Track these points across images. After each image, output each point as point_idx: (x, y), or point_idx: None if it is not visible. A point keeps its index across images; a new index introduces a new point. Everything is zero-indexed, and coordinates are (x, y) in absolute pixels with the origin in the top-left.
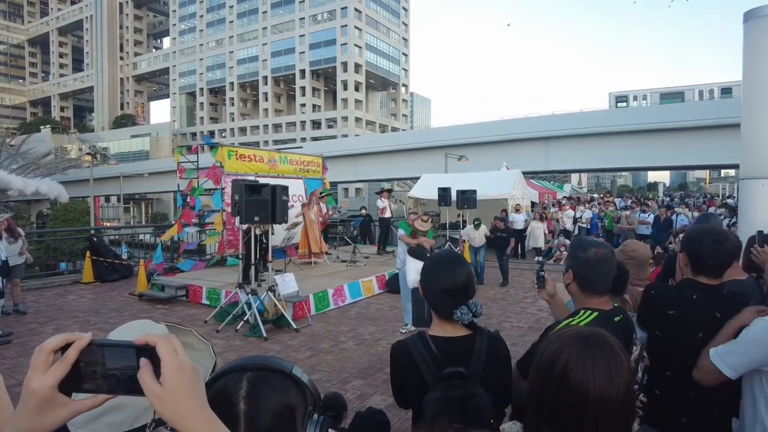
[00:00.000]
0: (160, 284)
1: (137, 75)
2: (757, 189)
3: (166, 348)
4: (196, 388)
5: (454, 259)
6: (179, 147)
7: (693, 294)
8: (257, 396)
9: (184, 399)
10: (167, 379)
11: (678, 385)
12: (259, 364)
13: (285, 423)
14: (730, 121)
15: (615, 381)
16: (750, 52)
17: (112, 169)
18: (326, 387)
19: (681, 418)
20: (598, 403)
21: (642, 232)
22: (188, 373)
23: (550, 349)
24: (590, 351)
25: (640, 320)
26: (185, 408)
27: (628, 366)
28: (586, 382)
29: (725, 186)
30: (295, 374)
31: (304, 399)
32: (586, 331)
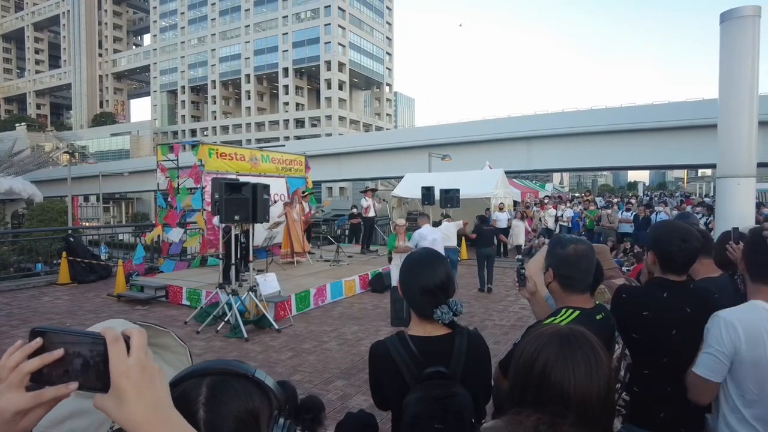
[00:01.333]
0: (139, 285)
1: (117, 72)
2: (733, 187)
3: (138, 339)
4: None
5: (432, 257)
6: (161, 144)
7: (664, 292)
8: (217, 402)
9: (149, 392)
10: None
11: (655, 382)
12: (219, 369)
13: (248, 429)
14: (706, 121)
15: (595, 380)
16: (726, 52)
17: (91, 168)
18: (308, 388)
19: (659, 413)
20: (579, 402)
21: (624, 230)
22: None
23: (530, 348)
24: (570, 350)
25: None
26: (150, 402)
27: (609, 364)
28: (566, 382)
29: (702, 185)
30: (257, 377)
31: (268, 403)
32: (566, 330)
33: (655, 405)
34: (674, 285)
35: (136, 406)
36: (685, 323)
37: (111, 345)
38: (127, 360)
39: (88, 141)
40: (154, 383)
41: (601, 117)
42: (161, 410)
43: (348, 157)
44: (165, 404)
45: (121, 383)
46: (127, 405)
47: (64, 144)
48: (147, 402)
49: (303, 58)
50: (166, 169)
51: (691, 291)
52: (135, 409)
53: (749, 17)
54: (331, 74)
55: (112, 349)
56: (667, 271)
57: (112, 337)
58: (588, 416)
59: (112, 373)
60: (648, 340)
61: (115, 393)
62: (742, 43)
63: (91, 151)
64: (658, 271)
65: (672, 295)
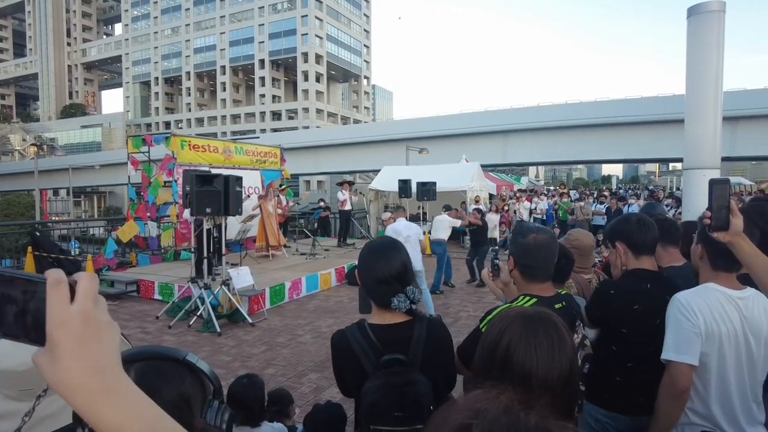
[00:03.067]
0: (110, 280)
1: (87, 62)
2: (699, 179)
3: (86, 285)
4: (108, 343)
5: (389, 246)
6: (132, 137)
7: (647, 284)
8: (146, 387)
9: (92, 349)
10: (76, 314)
11: (638, 372)
12: (148, 354)
13: (180, 413)
14: (676, 116)
15: (557, 360)
16: (693, 47)
17: (60, 160)
18: (281, 381)
19: (639, 398)
20: (541, 381)
21: (598, 222)
22: (102, 321)
23: (495, 329)
24: (533, 330)
25: (596, 319)
26: (91, 362)
27: (572, 346)
28: (529, 361)
29: (673, 179)
30: (189, 360)
31: (201, 387)
32: (530, 311)
33: (635, 391)
34: (654, 275)
35: (72, 365)
36: (665, 312)
37: (50, 289)
38: (67, 308)
39: (57, 133)
40: (99, 339)
41: (576, 111)
42: (105, 373)
43: (326, 150)
44: (111, 367)
45: (57, 335)
46: (61, 363)
47: (31, 136)
48: (87, 361)
49: (280, 50)
50: (138, 162)
51: (668, 280)
52: (70, 370)
53: (714, 12)
54: (309, 66)
55: (51, 294)
56: (640, 255)
57: (53, 280)
58: (549, 397)
59: (48, 323)
60: (637, 333)
61: (50, 347)
62: (707, 39)
63: (61, 143)
64: (631, 261)
65: (654, 286)
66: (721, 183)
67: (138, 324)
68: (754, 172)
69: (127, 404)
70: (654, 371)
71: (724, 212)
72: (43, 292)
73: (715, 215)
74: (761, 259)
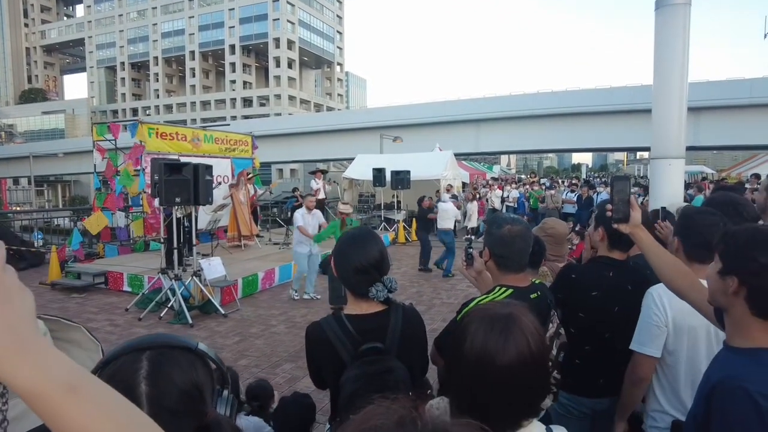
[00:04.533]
0: (76, 272)
1: (46, 45)
2: (665, 168)
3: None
4: (20, 306)
5: (365, 236)
6: (97, 124)
7: (609, 272)
8: (160, 375)
9: (2, 313)
10: None
11: (595, 355)
12: (159, 342)
13: (193, 402)
14: (644, 106)
15: (507, 355)
16: (660, 38)
17: (19, 148)
18: (255, 372)
19: (599, 380)
20: (501, 378)
21: (568, 210)
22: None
23: (462, 324)
24: (490, 324)
25: (558, 301)
26: (2, 325)
27: (538, 343)
28: (482, 354)
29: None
30: (201, 350)
31: (211, 377)
32: (496, 305)
33: (594, 374)
34: (618, 264)
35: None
36: (626, 300)
37: None
38: None
39: (16, 119)
40: (10, 302)
41: (547, 101)
42: (17, 335)
43: (298, 138)
44: (24, 328)
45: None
46: None
47: None
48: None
49: (250, 35)
50: (104, 150)
51: (632, 269)
52: None
53: (680, 5)
54: (280, 52)
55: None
56: (614, 248)
57: None
58: (510, 392)
59: None
60: (593, 319)
61: None
62: (674, 31)
63: (20, 130)
64: (604, 248)
65: (616, 274)
66: (622, 179)
67: (107, 317)
68: (714, 161)
69: (43, 363)
70: (611, 356)
71: (624, 206)
72: None
73: (615, 208)
74: (659, 250)
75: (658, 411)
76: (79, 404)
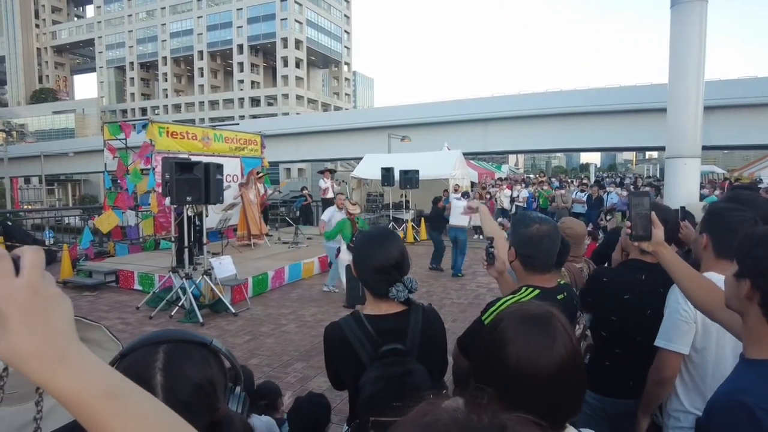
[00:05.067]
0: (87, 270)
1: (57, 45)
2: (680, 167)
3: (32, 258)
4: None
5: (385, 235)
6: (108, 123)
7: (641, 275)
8: (175, 367)
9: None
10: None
11: (626, 358)
12: (175, 337)
13: (207, 396)
14: (652, 105)
15: (545, 359)
16: (676, 36)
17: (30, 147)
18: (266, 372)
19: (628, 382)
20: (529, 378)
21: (577, 210)
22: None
23: (493, 325)
24: (526, 326)
25: (588, 304)
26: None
27: (566, 346)
28: (517, 358)
29: (649, 167)
30: (215, 346)
31: (224, 373)
32: (530, 306)
33: (624, 376)
34: (650, 267)
35: (24, 336)
36: (658, 304)
37: (28, 253)
38: (13, 281)
39: (28, 119)
40: (51, 310)
41: (556, 100)
42: (58, 343)
43: (306, 137)
44: (64, 336)
45: (4, 308)
46: (12, 335)
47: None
48: (39, 332)
49: (258, 35)
50: (115, 150)
51: (664, 272)
52: (21, 340)
53: (697, 2)
54: (288, 52)
55: (29, 256)
56: (646, 251)
57: (30, 248)
58: (539, 395)
59: (23, 273)
60: (625, 322)
61: (26, 298)
62: (690, 28)
63: (31, 129)
64: (635, 251)
65: (648, 277)
66: (640, 195)
67: (118, 315)
68: (725, 161)
69: (83, 371)
70: (641, 358)
71: (645, 222)
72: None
73: (635, 224)
74: (685, 269)
75: (681, 411)
76: (120, 412)
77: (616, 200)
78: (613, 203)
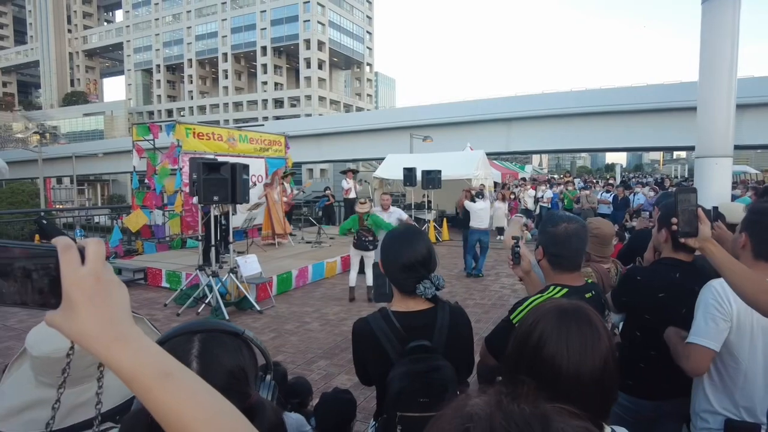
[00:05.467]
0: (117, 267)
1: (88, 50)
2: (711, 167)
3: (95, 248)
4: (119, 298)
5: (413, 233)
6: (137, 124)
7: (676, 273)
8: (210, 355)
9: (105, 304)
10: (88, 274)
11: (661, 360)
12: (210, 327)
13: (238, 383)
14: (682, 104)
15: (589, 357)
16: (707, 32)
17: (63, 148)
18: (291, 368)
19: (663, 383)
20: (570, 378)
21: (603, 211)
22: (112, 281)
23: (528, 320)
24: (566, 324)
25: (621, 304)
26: (105, 315)
27: (608, 342)
28: (559, 356)
29: (677, 167)
30: (248, 336)
31: (255, 362)
32: (566, 304)
33: (659, 377)
34: (685, 265)
35: (89, 318)
36: (693, 302)
37: (62, 253)
38: (79, 269)
39: (59, 121)
40: (111, 295)
41: (581, 99)
42: (118, 325)
43: (328, 138)
44: (123, 320)
45: (73, 294)
46: (79, 317)
47: (33, 124)
48: (102, 315)
49: (281, 37)
50: (143, 150)
51: (699, 270)
52: (87, 322)
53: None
54: (311, 53)
55: (63, 258)
56: (680, 249)
57: (63, 246)
58: (579, 393)
59: (63, 283)
60: (659, 320)
61: (67, 305)
62: (722, 25)
63: (63, 131)
64: (668, 250)
65: (683, 275)
66: (688, 191)
67: (146, 311)
68: (757, 161)
69: (140, 351)
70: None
71: (692, 218)
72: (53, 259)
73: (682, 221)
74: (734, 266)
75: (709, 411)
76: (173, 389)
77: (642, 201)
78: (640, 204)
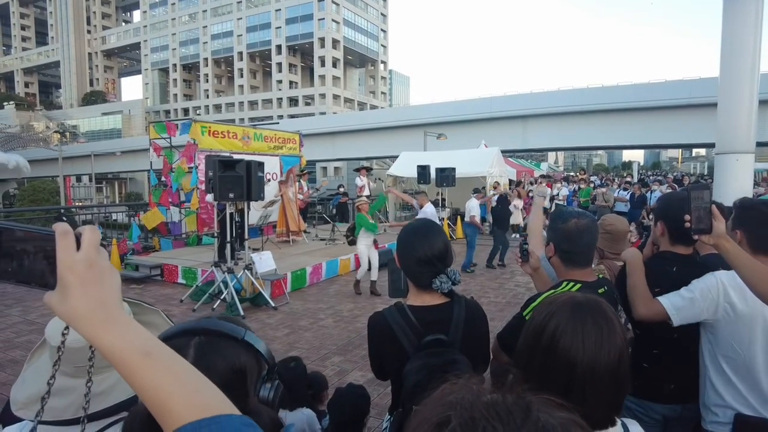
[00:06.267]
0: (134, 264)
1: (106, 50)
2: (731, 163)
3: (90, 236)
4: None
5: (429, 227)
6: (154, 123)
7: (672, 267)
8: (203, 363)
9: (95, 288)
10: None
11: (665, 358)
12: (209, 329)
13: (233, 387)
14: (702, 100)
15: (605, 350)
16: (729, 27)
17: (82, 147)
18: (306, 364)
19: (669, 384)
20: (586, 371)
21: (620, 209)
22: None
23: (542, 312)
24: (581, 317)
25: (624, 302)
26: (95, 299)
27: (623, 336)
28: (574, 349)
29: (696, 165)
30: (247, 340)
31: (257, 363)
32: (580, 297)
33: (664, 378)
34: (682, 259)
35: (79, 301)
36: None
37: (59, 239)
38: (74, 254)
39: (79, 120)
40: (102, 280)
41: (597, 95)
42: (107, 309)
43: (342, 136)
44: (112, 303)
45: (66, 277)
46: (70, 299)
47: (54, 123)
48: (91, 298)
49: (296, 35)
50: (160, 148)
51: (698, 264)
52: (78, 304)
53: None
54: (325, 51)
55: (60, 243)
56: (677, 243)
57: (60, 231)
58: (595, 387)
59: (58, 267)
60: None
61: (60, 287)
62: (744, 17)
63: (82, 130)
64: (666, 243)
65: (680, 269)
66: (701, 188)
67: (163, 307)
68: None
69: (125, 332)
70: (681, 359)
71: (706, 215)
72: (52, 242)
73: (695, 218)
74: (750, 262)
75: (720, 405)
76: (153, 366)
77: None
78: None
